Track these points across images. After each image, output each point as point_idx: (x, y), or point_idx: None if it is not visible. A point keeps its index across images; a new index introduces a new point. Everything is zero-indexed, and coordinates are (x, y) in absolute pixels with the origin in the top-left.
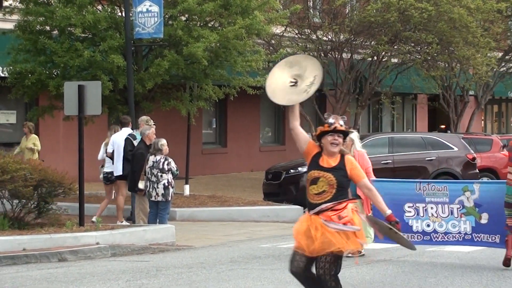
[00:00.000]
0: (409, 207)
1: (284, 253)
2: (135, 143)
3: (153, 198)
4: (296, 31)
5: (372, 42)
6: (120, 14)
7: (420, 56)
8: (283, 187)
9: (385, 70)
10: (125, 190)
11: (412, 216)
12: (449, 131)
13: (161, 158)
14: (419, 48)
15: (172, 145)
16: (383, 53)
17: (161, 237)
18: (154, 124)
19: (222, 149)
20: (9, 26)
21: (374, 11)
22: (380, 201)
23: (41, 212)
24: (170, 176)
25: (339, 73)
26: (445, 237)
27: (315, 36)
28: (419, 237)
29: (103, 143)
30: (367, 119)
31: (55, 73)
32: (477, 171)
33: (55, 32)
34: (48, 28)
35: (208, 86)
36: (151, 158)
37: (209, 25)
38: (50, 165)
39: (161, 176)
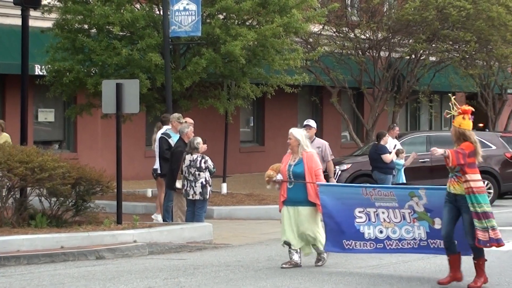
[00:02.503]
0: (359, 212)
1: None
2: (171, 141)
3: (190, 197)
4: (334, 30)
5: (410, 41)
6: (158, 12)
7: (458, 55)
8: None
9: (423, 69)
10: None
11: (363, 222)
12: (487, 130)
13: (198, 156)
14: (457, 47)
15: (209, 144)
16: (421, 51)
17: (199, 235)
18: (185, 121)
19: (259, 148)
20: (48, 24)
21: (412, 9)
22: None
23: (79, 210)
24: (207, 174)
25: (377, 71)
26: (400, 244)
27: (353, 34)
28: (371, 245)
29: (153, 139)
30: (404, 118)
31: (93, 71)
32: None
33: (93, 30)
34: (86, 26)
35: (245, 85)
36: (188, 157)
37: (247, 23)
38: (88, 163)
39: (199, 174)
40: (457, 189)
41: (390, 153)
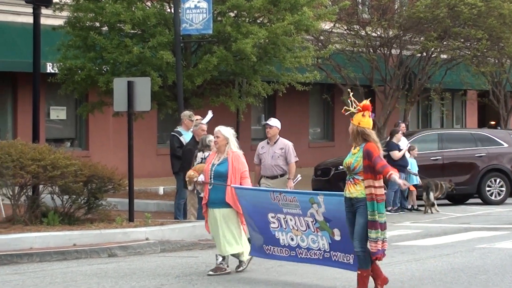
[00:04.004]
0: (272, 217)
1: None
2: (182, 139)
3: (201, 195)
4: (345, 27)
5: (421, 38)
6: (169, 10)
7: (469, 52)
8: (332, 184)
9: (434, 66)
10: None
11: (277, 227)
12: (499, 127)
13: (209, 154)
14: (468, 44)
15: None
16: (433, 49)
17: None
18: (197, 119)
19: None
20: (59, 22)
21: (423, 7)
22: None
23: (91, 207)
24: None
25: (388, 69)
26: (308, 254)
27: (364, 32)
28: (286, 252)
29: None
30: (416, 115)
31: (105, 69)
32: None
33: (105, 28)
34: (97, 24)
35: (257, 82)
36: (200, 155)
37: (258, 21)
38: (100, 161)
39: None
40: (353, 192)
41: (399, 150)
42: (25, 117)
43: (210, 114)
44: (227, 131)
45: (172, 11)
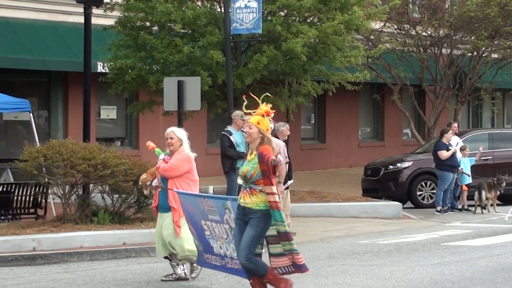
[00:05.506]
0: (204, 224)
1: (382, 249)
2: (232, 138)
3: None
4: (395, 27)
5: (472, 37)
6: (219, 10)
7: None
8: (382, 183)
9: (485, 66)
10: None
11: (209, 235)
12: None
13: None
14: None
15: None
16: (483, 48)
17: None
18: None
19: (320, 145)
20: (110, 22)
21: (474, 6)
22: None
23: (140, 207)
24: None
25: (439, 68)
26: (233, 264)
27: (414, 31)
28: (218, 260)
29: None
30: (466, 115)
31: (155, 69)
32: None
33: (155, 28)
34: (148, 24)
35: (307, 82)
36: None
37: (308, 20)
38: (149, 160)
39: None
40: (248, 202)
41: (448, 150)
42: (75, 117)
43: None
44: (181, 133)
45: (222, 10)
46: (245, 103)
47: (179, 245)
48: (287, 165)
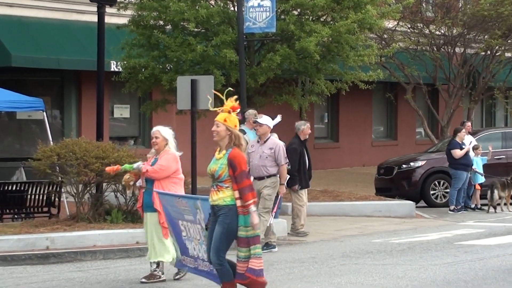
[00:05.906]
0: (181, 225)
1: (396, 248)
2: (246, 137)
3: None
4: (409, 25)
5: (486, 36)
6: (232, 8)
7: None
8: (395, 182)
9: (498, 65)
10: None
11: (185, 236)
12: None
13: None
14: None
15: (283, 140)
16: (497, 47)
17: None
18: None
19: (334, 144)
20: (123, 21)
21: (488, 4)
22: None
23: None
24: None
25: (452, 67)
26: (205, 266)
27: (427, 30)
28: (192, 262)
29: None
30: (480, 114)
31: (168, 68)
32: None
33: (169, 26)
34: (161, 22)
35: (320, 81)
36: None
37: (321, 19)
38: None
39: None
40: (215, 199)
41: (461, 149)
42: (89, 115)
43: (278, 118)
44: (166, 132)
45: (236, 9)
46: (210, 101)
47: (159, 248)
48: (303, 165)
